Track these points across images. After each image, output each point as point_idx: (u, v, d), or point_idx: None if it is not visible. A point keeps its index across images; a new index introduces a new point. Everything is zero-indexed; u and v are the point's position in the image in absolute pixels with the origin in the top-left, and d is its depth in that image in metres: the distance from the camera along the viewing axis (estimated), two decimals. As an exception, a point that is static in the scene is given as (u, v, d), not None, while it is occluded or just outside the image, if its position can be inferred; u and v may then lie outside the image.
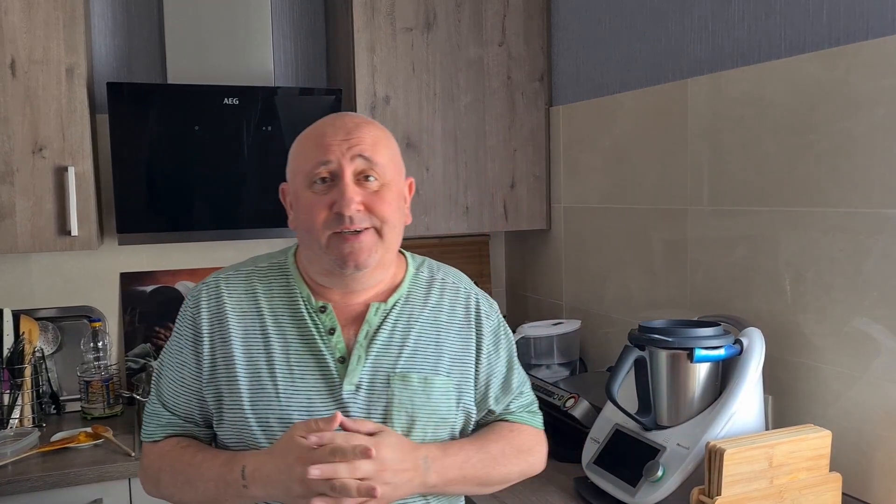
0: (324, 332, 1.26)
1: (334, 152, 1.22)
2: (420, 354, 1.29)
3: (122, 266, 2.50)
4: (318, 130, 1.27)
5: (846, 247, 1.57)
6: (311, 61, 2.70)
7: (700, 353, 1.58)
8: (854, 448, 1.57)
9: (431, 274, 1.38)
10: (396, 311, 1.30)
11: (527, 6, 2.53)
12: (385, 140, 1.28)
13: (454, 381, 1.30)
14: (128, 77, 2.48)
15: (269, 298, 1.29)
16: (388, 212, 1.24)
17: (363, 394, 1.24)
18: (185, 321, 1.31)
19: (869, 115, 1.51)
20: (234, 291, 1.30)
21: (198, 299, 1.30)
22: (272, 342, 1.26)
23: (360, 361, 1.25)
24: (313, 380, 1.24)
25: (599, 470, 1.70)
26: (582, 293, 2.48)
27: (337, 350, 1.25)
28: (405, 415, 1.25)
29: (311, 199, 1.23)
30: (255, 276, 1.32)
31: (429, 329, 1.31)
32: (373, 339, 1.27)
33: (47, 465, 1.96)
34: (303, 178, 1.24)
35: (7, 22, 2.07)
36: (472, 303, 1.37)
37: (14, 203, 2.11)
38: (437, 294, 1.35)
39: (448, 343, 1.32)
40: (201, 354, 1.27)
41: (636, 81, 2.19)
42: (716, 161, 1.89)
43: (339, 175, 1.22)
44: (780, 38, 1.72)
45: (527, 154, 2.57)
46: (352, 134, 1.24)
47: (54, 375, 2.40)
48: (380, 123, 1.31)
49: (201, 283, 1.33)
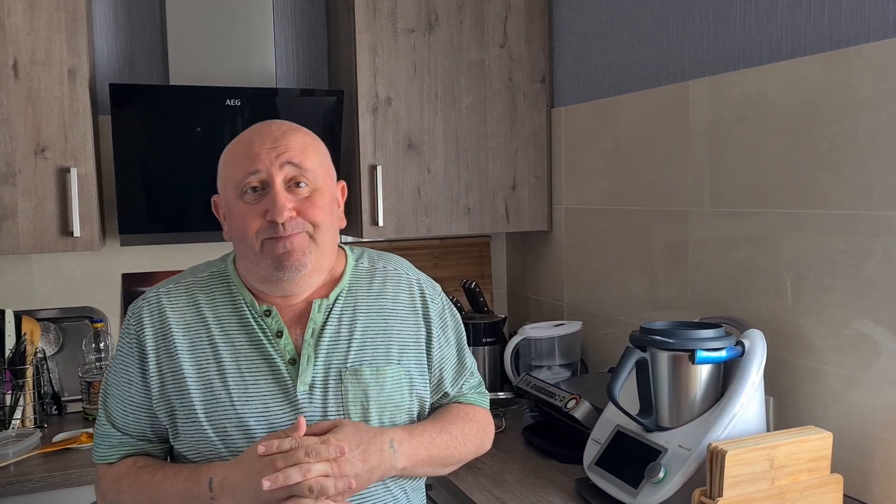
0: (271, 335, 1.26)
1: (263, 161, 1.22)
2: (369, 346, 1.29)
3: (124, 267, 2.50)
4: (245, 140, 1.27)
5: (847, 248, 1.57)
6: (313, 62, 2.70)
7: (702, 354, 1.58)
8: (855, 449, 1.57)
9: (372, 263, 1.38)
10: (340, 305, 1.30)
11: (528, 8, 2.54)
12: (313, 145, 1.29)
13: (405, 368, 1.31)
14: (130, 78, 2.49)
15: (212, 307, 1.28)
16: (320, 216, 1.25)
17: (318, 392, 1.25)
18: (129, 338, 1.30)
19: (870, 117, 1.51)
20: (176, 304, 1.29)
21: (139, 316, 1.29)
22: (221, 350, 1.25)
23: (311, 361, 1.25)
24: (266, 384, 1.24)
25: (601, 471, 1.70)
26: (583, 294, 2.49)
27: (286, 352, 1.26)
28: (360, 408, 1.26)
29: (244, 209, 1.24)
30: (196, 286, 1.32)
31: (375, 319, 1.31)
32: (320, 336, 1.27)
33: (49, 465, 1.96)
34: (233, 189, 1.25)
35: (9, 23, 2.07)
36: (415, 289, 1.38)
37: (16, 204, 2.11)
38: (379, 283, 1.35)
39: (396, 331, 1.32)
40: (147, 371, 1.27)
41: (637, 83, 2.19)
42: (717, 163, 1.89)
43: (269, 183, 1.23)
44: (782, 40, 1.72)
45: (528, 155, 2.57)
46: (279, 141, 1.24)
47: (56, 376, 2.40)
48: (307, 129, 1.31)
49: (140, 298, 1.33)
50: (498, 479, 1.84)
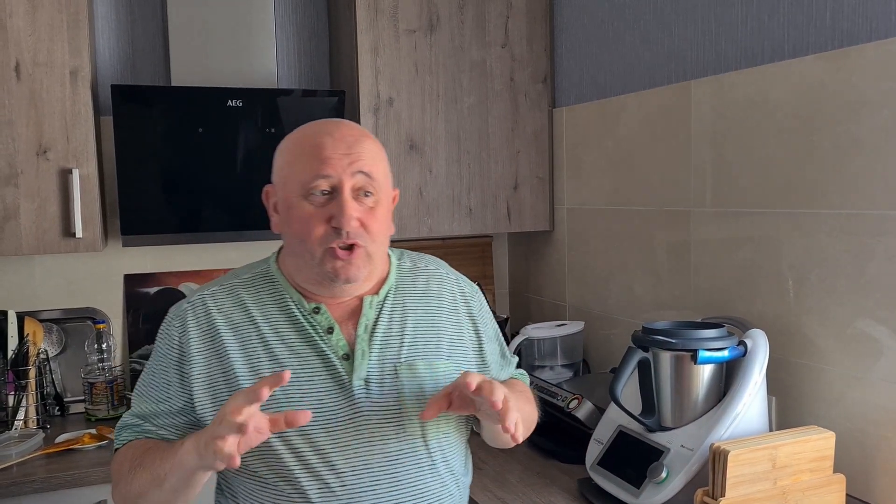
0: (322, 332, 1.26)
1: (335, 166, 1.22)
2: (420, 342, 1.30)
3: (126, 268, 2.51)
4: (314, 139, 1.26)
5: (850, 248, 1.57)
6: (315, 63, 2.70)
7: (704, 354, 1.58)
8: (858, 449, 1.57)
9: (413, 262, 1.40)
10: (390, 302, 1.32)
11: (530, 8, 2.54)
12: (380, 154, 1.30)
13: (454, 363, 1.32)
14: (132, 79, 2.49)
15: (260, 307, 1.28)
16: (378, 229, 1.26)
17: (373, 386, 1.25)
18: (169, 341, 1.29)
19: (873, 117, 1.51)
20: (222, 305, 1.29)
21: (183, 318, 1.29)
22: (273, 348, 1.25)
23: (365, 356, 1.26)
24: (320, 380, 1.24)
25: (603, 471, 1.70)
26: (585, 295, 2.48)
27: (339, 348, 1.26)
28: (418, 403, 1.26)
29: (308, 211, 1.23)
30: (241, 287, 1.31)
31: (423, 316, 1.33)
32: (373, 331, 1.28)
33: (52, 466, 1.97)
34: (298, 188, 1.24)
35: (11, 25, 2.08)
36: (455, 287, 1.40)
37: (19, 205, 2.11)
38: (423, 281, 1.37)
39: (443, 327, 1.34)
40: (189, 374, 1.25)
41: (639, 83, 2.19)
42: (719, 163, 1.89)
43: (338, 189, 1.22)
44: (784, 39, 1.72)
45: (530, 156, 2.57)
46: (353, 148, 1.24)
47: (58, 377, 2.41)
48: (370, 133, 1.32)
49: (184, 301, 1.32)
50: (500, 479, 1.84)
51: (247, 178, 2.30)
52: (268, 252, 1.40)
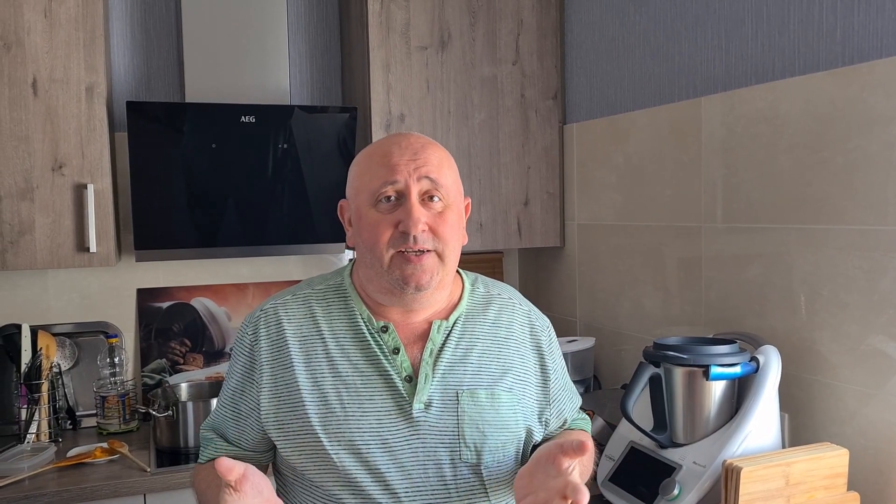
0: (388, 351, 1.26)
1: (401, 172, 1.23)
2: (485, 371, 1.29)
3: (139, 282, 2.52)
4: (383, 150, 1.27)
5: (862, 264, 1.57)
6: (327, 79, 2.73)
7: (716, 370, 1.57)
8: (871, 466, 1.56)
9: (487, 290, 1.39)
10: (459, 329, 1.31)
11: (540, 25, 2.55)
12: (448, 162, 1.30)
13: (517, 397, 1.31)
14: (146, 96, 2.52)
15: (328, 321, 1.29)
16: (449, 234, 1.25)
17: (434, 411, 1.24)
18: (243, 349, 1.31)
19: (884, 133, 1.51)
20: (293, 316, 1.29)
21: (256, 326, 1.30)
22: (336, 364, 1.25)
23: (428, 380, 1.25)
24: (381, 400, 1.24)
25: (615, 488, 1.69)
26: (596, 310, 2.48)
27: (403, 369, 1.25)
28: (476, 430, 1.25)
29: (376, 218, 1.24)
30: (313, 298, 1.32)
31: (490, 346, 1.32)
32: (438, 356, 1.27)
33: (63, 480, 1.97)
34: (368, 196, 1.25)
35: (29, 42, 2.11)
36: (525, 320, 1.38)
37: (34, 219, 2.13)
38: (494, 311, 1.36)
39: (509, 359, 1.32)
40: (258, 383, 1.27)
41: (650, 99, 2.19)
42: (730, 178, 1.89)
43: (405, 194, 1.23)
44: (795, 55, 1.73)
45: (540, 171, 2.58)
46: (419, 154, 1.25)
47: (71, 391, 2.42)
48: (441, 144, 1.33)
49: (258, 309, 1.33)
50: (511, 495, 1.83)
51: (259, 193, 2.32)
52: (281, 268, 1.40)
